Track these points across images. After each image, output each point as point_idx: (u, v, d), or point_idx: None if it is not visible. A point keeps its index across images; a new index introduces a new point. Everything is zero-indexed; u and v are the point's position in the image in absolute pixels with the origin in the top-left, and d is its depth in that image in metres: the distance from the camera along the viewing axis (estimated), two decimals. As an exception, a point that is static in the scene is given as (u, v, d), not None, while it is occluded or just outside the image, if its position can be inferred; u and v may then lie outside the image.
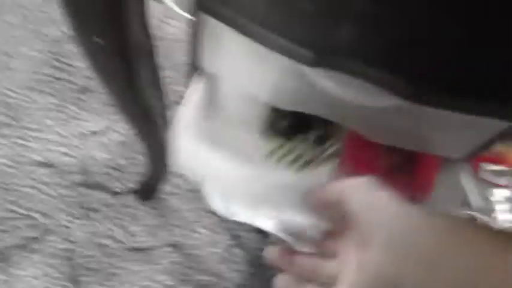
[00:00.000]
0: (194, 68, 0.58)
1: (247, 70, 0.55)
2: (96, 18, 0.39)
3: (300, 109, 0.57)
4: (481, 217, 1.15)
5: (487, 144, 0.54)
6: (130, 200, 1.12)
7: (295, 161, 0.62)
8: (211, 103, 0.61)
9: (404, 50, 0.48)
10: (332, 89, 0.48)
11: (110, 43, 0.42)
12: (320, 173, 0.63)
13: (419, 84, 0.45)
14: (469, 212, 1.17)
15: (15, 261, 1.04)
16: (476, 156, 0.58)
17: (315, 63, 0.46)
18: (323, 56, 0.45)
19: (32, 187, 1.11)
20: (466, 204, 1.19)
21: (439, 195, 0.59)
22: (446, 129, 0.54)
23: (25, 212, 1.08)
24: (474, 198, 1.17)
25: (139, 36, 0.48)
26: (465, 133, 0.54)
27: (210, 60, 0.57)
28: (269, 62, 0.50)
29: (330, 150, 0.62)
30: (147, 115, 0.64)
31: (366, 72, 0.46)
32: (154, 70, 0.58)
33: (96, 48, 0.42)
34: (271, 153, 0.62)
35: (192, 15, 0.50)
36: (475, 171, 1.17)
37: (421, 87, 0.46)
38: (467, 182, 1.17)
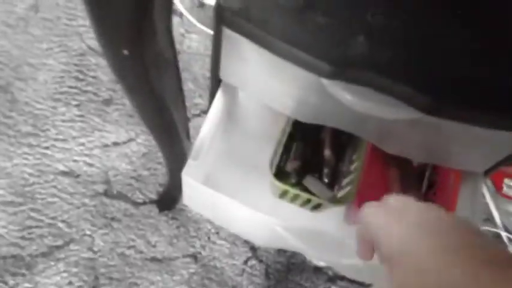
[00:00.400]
0: (215, 81, 0.59)
1: (267, 83, 0.55)
2: (124, 30, 0.40)
3: (319, 122, 0.58)
4: (505, 234, 1.13)
5: (508, 158, 0.54)
6: (152, 210, 1.13)
7: (307, 202, 0.62)
8: (231, 116, 0.62)
9: (420, 62, 0.48)
10: (350, 101, 0.49)
11: (137, 55, 0.43)
12: (332, 213, 0.63)
13: (438, 97, 0.46)
14: (493, 230, 1.15)
15: (40, 269, 1.06)
16: (497, 170, 0.58)
17: (332, 75, 0.47)
18: (340, 68, 0.46)
19: (56, 196, 1.13)
20: (490, 221, 1.17)
21: (461, 212, 0.59)
22: (466, 142, 0.54)
23: (49, 221, 1.11)
24: (498, 215, 1.16)
25: (165, 48, 0.49)
26: (485, 147, 0.54)
27: (230, 73, 0.58)
28: (288, 75, 0.51)
29: (341, 193, 0.62)
30: (170, 127, 0.66)
31: (382, 85, 0.46)
32: (178, 83, 0.60)
33: (123, 60, 0.43)
34: (283, 194, 0.62)
35: (213, 28, 0.51)
36: (498, 188, 1.15)
37: (440, 100, 0.46)
38: (490, 199, 1.16)
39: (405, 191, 0.60)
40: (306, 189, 0.64)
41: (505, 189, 1.15)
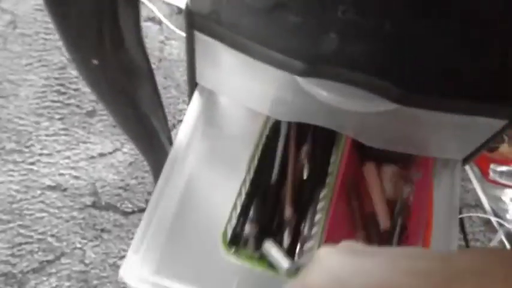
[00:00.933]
0: (193, 85, 0.60)
1: (243, 84, 0.56)
2: (89, 39, 0.40)
3: (297, 119, 0.59)
4: (495, 219, 1.15)
5: (485, 144, 0.55)
6: (141, 219, 1.13)
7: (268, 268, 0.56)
8: (209, 120, 0.62)
9: (392, 55, 0.49)
10: (326, 97, 0.49)
11: (106, 64, 0.43)
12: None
13: (409, 87, 0.46)
14: (482, 216, 1.16)
15: (32, 285, 1.05)
16: (476, 157, 0.58)
17: (305, 73, 0.47)
18: (313, 66, 0.47)
19: (45, 211, 1.12)
20: (479, 207, 1.18)
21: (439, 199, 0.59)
22: (443, 130, 0.55)
23: (39, 236, 1.10)
24: (486, 200, 1.17)
25: (137, 56, 0.49)
26: (462, 134, 0.55)
27: (206, 77, 0.58)
28: (263, 75, 0.51)
29: (302, 260, 0.56)
30: (150, 135, 0.66)
31: (356, 79, 0.47)
32: (154, 90, 0.60)
33: (94, 70, 0.43)
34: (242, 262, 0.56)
35: (185, 33, 0.51)
36: (485, 174, 1.16)
37: (411, 90, 0.46)
38: (478, 185, 1.17)
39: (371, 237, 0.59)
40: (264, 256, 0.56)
41: (491, 174, 1.16)
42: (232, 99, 0.61)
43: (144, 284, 0.54)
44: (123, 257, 1.09)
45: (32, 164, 1.17)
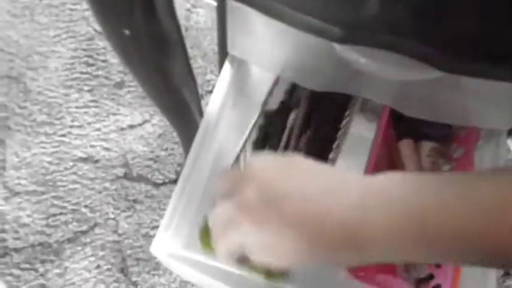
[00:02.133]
0: (223, 55, 0.58)
1: (276, 53, 0.54)
2: (121, 9, 0.39)
3: (333, 89, 0.56)
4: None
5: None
6: (172, 190, 1.14)
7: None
8: (240, 90, 0.60)
9: (433, 19, 0.45)
10: (365, 65, 0.46)
11: (138, 35, 0.42)
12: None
13: (455, 53, 0.43)
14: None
15: (67, 255, 1.08)
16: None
17: (344, 39, 0.45)
18: (352, 32, 0.44)
19: (78, 183, 1.14)
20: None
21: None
22: (489, 99, 0.51)
23: (73, 207, 1.12)
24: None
25: (168, 26, 0.47)
26: (508, 104, 0.52)
27: (238, 46, 0.56)
28: (298, 43, 0.49)
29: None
30: (181, 106, 0.65)
31: (396, 44, 0.44)
32: (185, 61, 0.58)
33: (125, 41, 0.42)
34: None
35: (217, 0, 0.49)
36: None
37: (457, 56, 0.43)
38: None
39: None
40: None
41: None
42: (265, 69, 0.58)
43: (174, 259, 0.54)
44: (155, 227, 1.10)
45: (63, 136, 1.18)
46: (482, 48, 0.45)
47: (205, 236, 0.47)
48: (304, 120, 0.60)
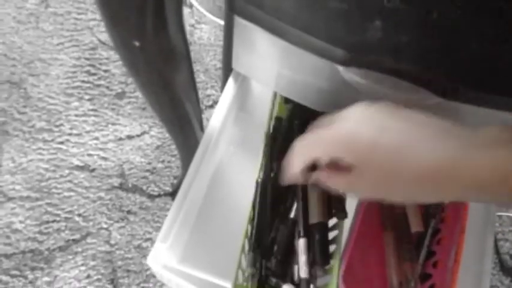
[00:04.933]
0: (227, 71, 0.59)
1: (280, 71, 0.54)
2: (134, 20, 0.40)
3: (334, 109, 0.57)
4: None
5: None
6: (167, 202, 1.14)
7: None
8: (242, 106, 0.61)
9: (438, 46, 0.47)
10: (367, 87, 0.47)
11: (148, 47, 0.43)
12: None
13: (457, 81, 0.44)
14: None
15: (58, 263, 1.07)
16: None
17: (347, 61, 0.46)
18: (356, 54, 0.45)
19: (72, 191, 1.14)
20: (510, 206, 1.15)
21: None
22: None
23: (66, 215, 1.12)
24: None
25: (177, 40, 0.48)
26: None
27: (243, 63, 0.57)
28: (302, 63, 0.50)
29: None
30: (183, 119, 0.65)
31: (397, 69, 0.45)
32: (190, 75, 0.59)
33: (135, 52, 0.42)
34: None
35: (224, 17, 0.50)
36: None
37: (459, 84, 0.44)
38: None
39: (401, 260, 0.55)
40: None
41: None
42: (268, 86, 0.59)
43: (170, 272, 0.54)
44: (148, 239, 1.10)
45: (61, 143, 1.18)
46: (482, 77, 0.46)
47: None
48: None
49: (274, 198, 0.51)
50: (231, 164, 0.60)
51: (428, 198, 0.36)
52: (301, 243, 0.48)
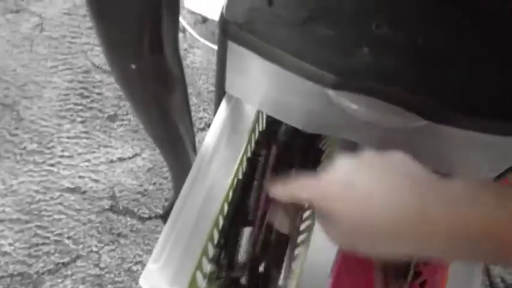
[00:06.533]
0: (221, 94, 0.60)
1: (272, 95, 0.56)
2: (132, 44, 0.41)
3: (324, 132, 0.58)
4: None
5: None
6: (158, 225, 1.13)
7: None
8: (235, 129, 0.62)
9: (425, 71, 0.48)
10: (356, 111, 0.49)
11: (145, 70, 0.44)
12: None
13: (444, 105, 0.46)
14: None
15: (47, 286, 1.06)
16: (507, 176, 0.57)
17: (337, 86, 0.47)
18: (345, 79, 0.46)
19: (63, 213, 1.13)
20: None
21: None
22: (476, 149, 0.54)
23: (56, 238, 1.11)
24: None
25: (173, 63, 0.50)
26: (492, 153, 0.54)
27: (235, 86, 0.58)
28: (294, 86, 0.51)
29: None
30: (176, 141, 0.66)
31: (388, 94, 0.46)
32: (185, 98, 0.60)
33: (131, 75, 0.43)
34: None
35: (218, 42, 0.51)
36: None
37: (446, 108, 0.46)
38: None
39: (388, 281, 0.55)
40: None
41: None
42: (260, 109, 0.61)
43: None
44: (138, 263, 1.09)
45: (52, 165, 1.18)
46: (468, 100, 0.48)
47: None
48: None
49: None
50: (224, 185, 0.60)
51: (399, 251, 0.35)
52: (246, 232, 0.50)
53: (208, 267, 0.49)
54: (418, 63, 0.48)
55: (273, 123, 0.64)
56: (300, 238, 0.53)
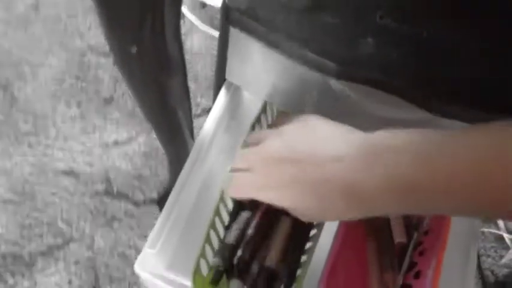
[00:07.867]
0: (220, 81, 0.59)
1: (273, 83, 0.55)
2: (134, 26, 0.40)
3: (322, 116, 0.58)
4: (508, 236, 1.14)
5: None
6: (153, 210, 1.13)
7: None
8: (233, 116, 0.62)
9: (429, 64, 0.48)
10: (357, 101, 0.49)
11: (145, 53, 0.43)
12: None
13: (444, 97, 0.46)
14: (495, 231, 1.15)
15: (39, 268, 1.06)
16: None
17: (339, 75, 0.47)
18: (347, 68, 0.46)
19: (57, 196, 1.13)
20: (493, 222, 1.17)
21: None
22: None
23: (49, 220, 1.10)
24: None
25: (174, 47, 0.49)
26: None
27: (236, 73, 0.58)
28: (295, 74, 0.51)
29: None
30: (174, 126, 0.66)
31: (389, 85, 0.46)
32: (184, 82, 0.59)
33: (131, 57, 0.43)
34: None
35: (219, 28, 0.51)
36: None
37: (446, 100, 0.46)
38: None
39: (383, 270, 0.55)
40: None
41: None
42: (260, 97, 0.60)
43: (157, 279, 0.54)
44: (131, 247, 1.09)
45: (47, 147, 1.17)
46: (471, 94, 0.48)
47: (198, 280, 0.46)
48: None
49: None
50: (222, 172, 0.60)
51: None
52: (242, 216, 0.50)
53: (211, 255, 0.48)
54: (422, 55, 0.48)
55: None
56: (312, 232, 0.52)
